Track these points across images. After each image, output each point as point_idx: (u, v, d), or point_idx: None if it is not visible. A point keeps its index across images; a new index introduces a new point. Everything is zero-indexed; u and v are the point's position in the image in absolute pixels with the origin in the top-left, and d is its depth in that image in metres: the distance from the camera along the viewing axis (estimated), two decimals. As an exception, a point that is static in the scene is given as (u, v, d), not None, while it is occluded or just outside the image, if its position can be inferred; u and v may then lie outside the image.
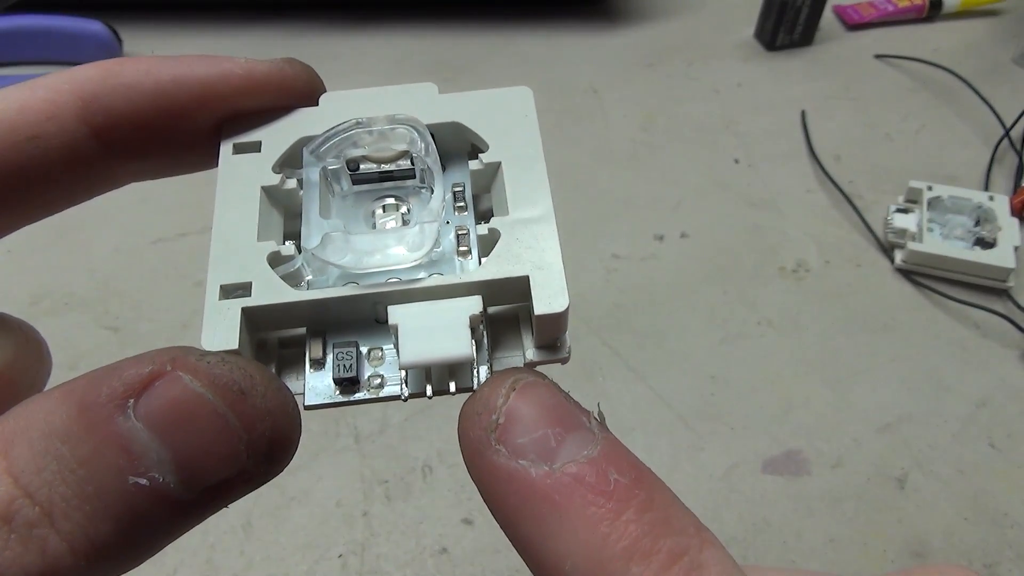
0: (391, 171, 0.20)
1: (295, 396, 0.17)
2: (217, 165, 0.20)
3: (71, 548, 0.14)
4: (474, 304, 0.17)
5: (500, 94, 0.20)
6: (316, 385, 0.18)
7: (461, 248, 0.19)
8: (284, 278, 0.18)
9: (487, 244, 0.19)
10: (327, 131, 0.19)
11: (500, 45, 0.69)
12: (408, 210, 0.20)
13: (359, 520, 0.38)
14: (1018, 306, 0.48)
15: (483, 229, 0.19)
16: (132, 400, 0.14)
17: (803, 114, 0.62)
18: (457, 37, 0.70)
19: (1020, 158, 0.58)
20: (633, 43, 0.70)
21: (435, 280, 0.18)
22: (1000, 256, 0.49)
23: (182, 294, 0.48)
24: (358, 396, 0.18)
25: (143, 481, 0.14)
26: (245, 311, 0.17)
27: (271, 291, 0.18)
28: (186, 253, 0.50)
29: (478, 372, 0.18)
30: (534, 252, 0.18)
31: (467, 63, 0.67)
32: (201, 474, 0.14)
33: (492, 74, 0.66)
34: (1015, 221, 0.51)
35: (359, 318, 0.18)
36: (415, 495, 0.39)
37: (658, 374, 0.45)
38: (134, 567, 0.15)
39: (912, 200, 0.54)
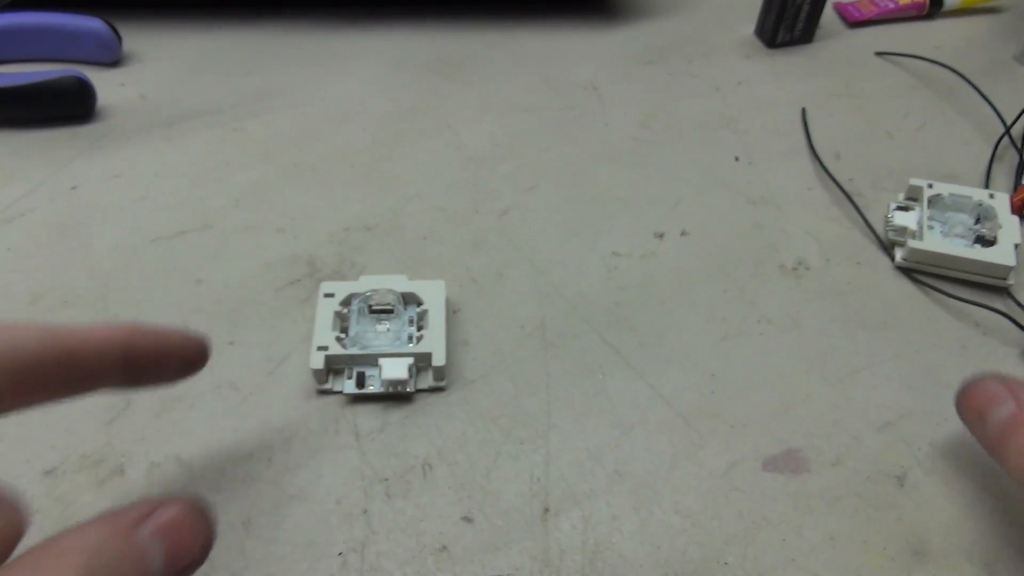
0: (386, 308, 0.44)
1: (338, 392, 0.42)
2: None
3: None
4: (411, 360, 0.42)
5: (431, 283, 0.45)
6: (348, 386, 0.42)
7: (410, 338, 0.44)
8: (340, 344, 0.42)
9: (419, 338, 0.43)
10: (362, 293, 0.44)
11: (499, 42, 0.69)
12: (391, 324, 0.44)
13: (359, 518, 0.38)
14: (1019, 304, 0.48)
15: (418, 334, 0.43)
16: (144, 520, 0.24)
17: (803, 112, 0.62)
18: (456, 34, 0.70)
19: (1021, 156, 0.58)
20: (633, 40, 0.70)
21: (398, 350, 0.42)
22: (1000, 254, 0.49)
23: (182, 292, 0.48)
24: (364, 391, 0.42)
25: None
26: (327, 357, 0.42)
27: (335, 350, 0.42)
28: (186, 251, 0.50)
29: (414, 386, 0.42)
30: (434, 344, 0.42)
31: (466, 60, 0.67)
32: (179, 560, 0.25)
33: (491, 71, 0.66)
34: (1015, 219, 0.51)
35: (368, 362, 0.42)
36: (415, 493, 0.39)
37: (658, 372, 0.45)
38: None
39: (912, 198, 0.54)
